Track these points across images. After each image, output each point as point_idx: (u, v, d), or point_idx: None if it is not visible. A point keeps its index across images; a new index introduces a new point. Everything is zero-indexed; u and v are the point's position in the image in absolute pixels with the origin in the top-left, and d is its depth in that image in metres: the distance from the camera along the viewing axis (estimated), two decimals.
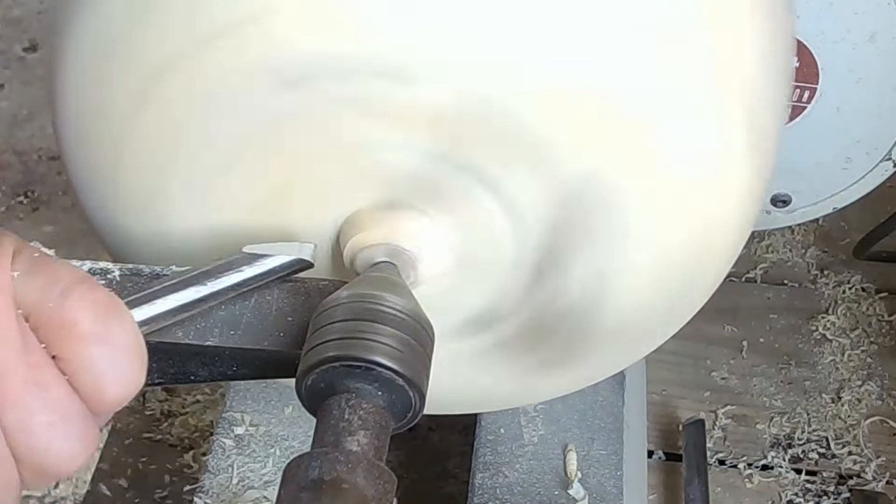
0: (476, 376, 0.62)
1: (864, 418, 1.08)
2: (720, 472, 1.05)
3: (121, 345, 0.40)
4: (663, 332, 0.62)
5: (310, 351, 0.45)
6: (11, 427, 0.37)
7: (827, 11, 0.83)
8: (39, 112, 1.41)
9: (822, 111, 0.89)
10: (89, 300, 0.39)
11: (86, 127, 0.53)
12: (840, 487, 1.03)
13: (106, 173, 0.55)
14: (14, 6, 1.56)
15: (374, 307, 0.45)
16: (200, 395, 1.10)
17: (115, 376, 0.40)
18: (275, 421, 0.82)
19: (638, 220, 0.52)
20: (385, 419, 0.44)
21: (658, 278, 0.55)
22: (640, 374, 1.01)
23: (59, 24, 0.52)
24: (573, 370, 0.63)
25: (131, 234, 0.56)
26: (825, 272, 1.21)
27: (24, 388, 0.37)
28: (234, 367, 0.48)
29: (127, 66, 0.50)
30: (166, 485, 1.03)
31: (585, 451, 0.79)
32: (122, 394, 0.40)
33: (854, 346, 1.14)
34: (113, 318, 0.40)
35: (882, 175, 0.93)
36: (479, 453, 0.79)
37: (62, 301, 0.39)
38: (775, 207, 0.97)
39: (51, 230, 1.29)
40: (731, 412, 1.09)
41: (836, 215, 1.04)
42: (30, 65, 1.49)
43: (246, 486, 0.79)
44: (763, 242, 1.23)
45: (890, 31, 0.83)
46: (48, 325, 0.38)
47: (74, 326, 0.39)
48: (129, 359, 0.40)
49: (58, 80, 0.53)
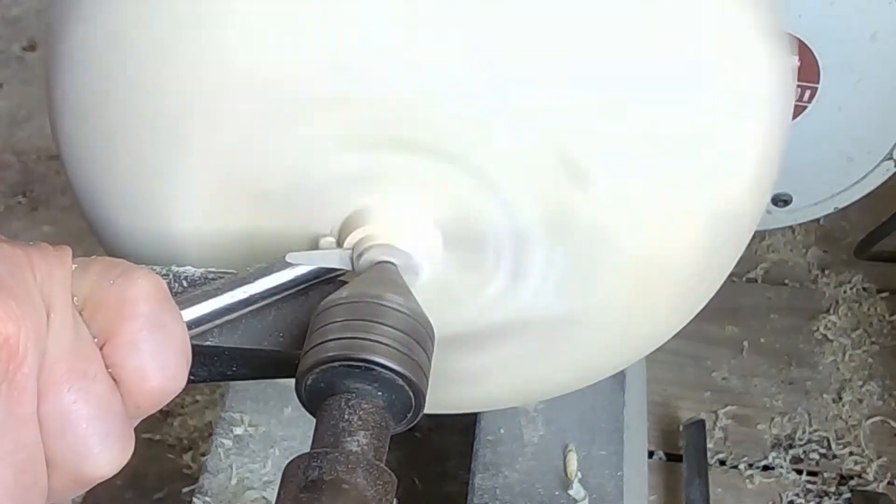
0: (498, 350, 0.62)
1: (865, 419, 1.08)
2: (721, 472, 1.05)
3: (172, 335, 0.40)
4: (664, 333, 0.62)
5: (309, 351, 0.45)
6: (50, 419, 0.37)
7: (828, 10, 0.83)
8: (38, 112, 1.41)
9: (822, 111, 0.89)
10: (150, 283, 0.40)
11: (83, 126, 0.53)
12: (841, 488, 1.03)
13: (104, 173, 0.54)
14: (13, 5, 1.56)
15: (375, 307, 0.45)
16: (200, 395, 1.10)
17: (161, 366, 0.39)
18: (274, 421, 0.82)
19: (641, 236, 0.52)
20: (385, 419, 0.44)
21: (654, 288, 0.55)
22: (640, 374, 1.01)
23: (56, 22, 0.52)
24: (558, 373, 0.63)
25: (131, 234, 0.56)
26: (826, 272, 1.21)
27: (70, 377, 0.37)
28: (234, 367, 0.48)
29: (125, 64, 0.49)
30: (165, 485, 1.03)
31: (585, 451, 0.79)
32: (164, 387, 0.40)
33: (855, 346, 1.14)
34: (168, 308, 0.40)
35: (883, 175, 0.93)
36: (479, 453, 0.79)
37: (124, 280, 0.39)
38: (776, 207, 0.97)
39: (50, 230, 1.29)
40: (731, 412, 1.09)
41: (837, 215, 1.04)
42: (29, 64, 1.49)
43: (245, 486, 0.79)
44: (764, 242, 1.23)
45: (891, 30, 0.83)
46: (106, 304, 0.39)
47: (134, 305, 0.39)
48: (176, 352, 0.40)
49: (55, 79, 0.53)
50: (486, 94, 0.47)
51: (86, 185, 0.56)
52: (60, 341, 0.37)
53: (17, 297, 0.35)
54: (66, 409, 0.37)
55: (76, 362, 0.37)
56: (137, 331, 0.39)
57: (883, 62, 0.85)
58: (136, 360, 0.39)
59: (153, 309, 0.39)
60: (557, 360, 0.61)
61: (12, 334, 0.34)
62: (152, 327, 0.39)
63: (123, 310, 0.39)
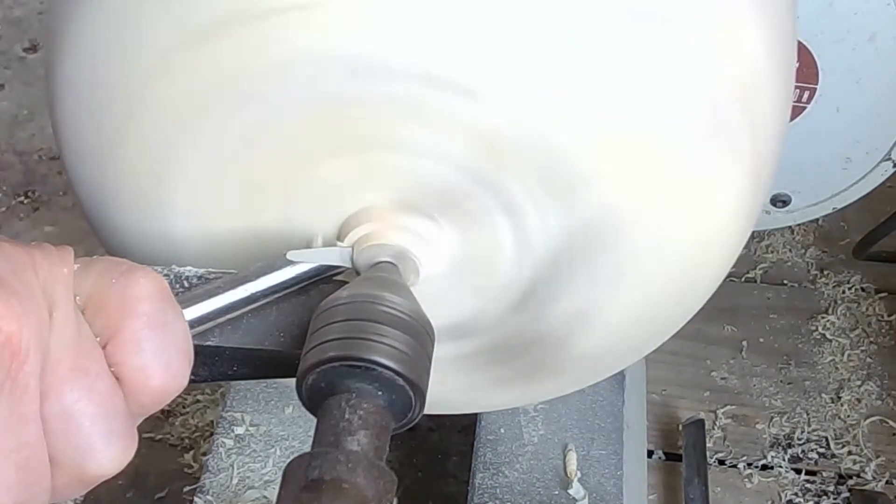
0: (441, 380, 0.62)
1: (863, 418, 1.08)
2: (720, 471, 1.05)
3: (174, 334, 0.40)
4: (661, 335, 0.62)
5: (310, 351, 0.45)
6: (53, 417, 0.37)
7: (827, 12, 0.83)
8: (40, 112, 1.41)
9: (821, 111, 0.89)
10: (152, 282, 0.40)
11: (85, 126, 0.53)
12: (840, 487, 1.03)
13: (106, 173, 0.55)
14: (15, 6, 1.56)
15: (375, 307, 0.45)
16: (200, 395, 1.10)
17: (163, 364, 0.39)
18: (275, 421, 0.82)
19: (642, 244, 0.52)
20: (385, 419, 0.44)
21: (653, 289, 0.56)
22: (640, 374, 1.01)
23: (57, 22, 0.52)
24: (549, 383, 0.63)
25: (132, 234, 0.56)
26: (825, 272, 1.21)
27: (73, 375, 0.37)
28: (235, 367, 0.48)
29: (125, 64, 0.50)
30: (166, 484, 1.03)
31: (585, 450, 0.80)
32: (166, 386, 0.40)
33: (854, 346, 1.14)
34: (169, 307, 0.40)
35: (882, 175, 0.93)
36: (479, 453, 0.79)
37: (125, 279, 0.39)
38: (775, 207, 0.97)
39: (51, 230, 1.29)
40: (730, 412, 1.09)
41: (836, 215, 1.04)
42: (30, 65, 1.49)
43: (246, 485, 0.79)
44: (763, 242, 1.24)
45: (890, 31, 0.84)
46: (108, 303, 0.39)
47: (136, 303, 0.39)
48: (178, 350, 0.40)
49: (56, 79, 0.53)
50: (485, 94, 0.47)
51: (87, 186, 0.56)
52: (63, 340, 0.37)
53: (19, 296, 0.35)
54: (69, 408, 0.37)
55: (78, 361, 0.37)
56: (139, 329, 0.39)
57: (882, 63, 0.85)
58: (138, 358, 0.39)
59: (155, 307, 0.39)
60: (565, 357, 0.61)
61: (15, 333, 0.35)
62: (154, 326, 0.39)
63: (125, 308, 0.39)
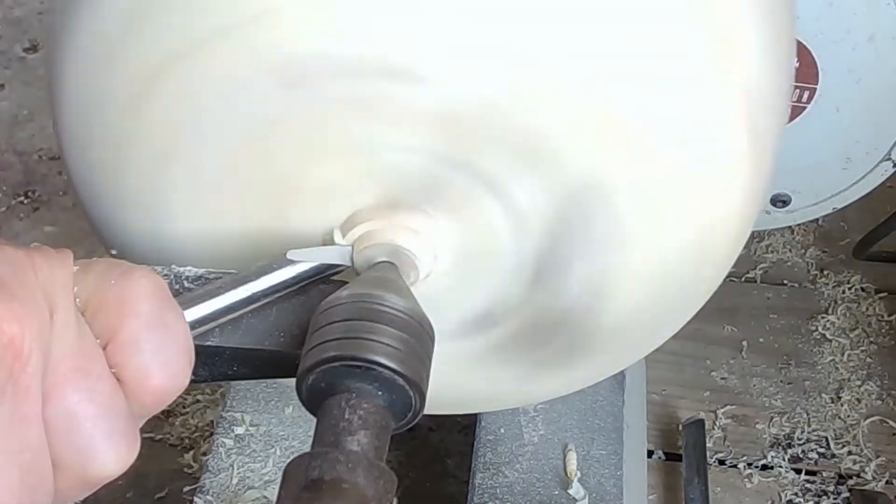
0: (473, 377, 0.62)
1: (863, 418, 1.08)
2: (720, 471, 1.05)
3: (174, 334, 0.40)
4: (663, 333, 0.62)
5: (310, 351, 0.45)
6: (55, 419, 0.37)
7: (826, 12, 0.83)
8: (40, 112, 1.41)
9: (821, 111, 0.89)
10: (151, 282, 0.40)
11: (85, 126, 0.53)
12: (840, 487, 1.04)
13: (106, 172, 0.55)
14: (15, 6, 1.56)
15: (375, 307, 0.45)
16: (200, 395, 1.11)
17: (163, 364, 0.39)
18: (275, 421, 0.82)
19: (637, 224, 0.52)
20: (385, 419, 0.44)
21: (657, 280, 0.55)
22: (640, 374, 1.01)
23: (58, 22, 0.52)
24: (571, 371, 0.63)
25: (132, 234, 0.57)
26: (825, 272, 1.21)
27: (74, 376, 0.37)
28: (235, 367, 0.48)
29: (126, 65, 0.50)
30: (166, 484, 1.03)
31: (585, 451, 0.80)
32: (167, 386, 0.40)
33: (854, 346, 1.14)
34: (169, 307, 0.40)
35: (882, 175, 0.93)
36: (479, 453, 0.79)
37: (124, 280, 0.39)
38: (775, 207, 0.97)
39: (51, 230, 1.29)
40: (730, 412, 1.09)
41: (836, 215, 1.04)
42: (30, 65, 1.49)
43: (246, 485, 0.79)
44: (763, 242, 1.24)
45: (889, 31, 0.84)
46: (107, 304, 0.39)
47: (135, 304, 0.39)
48: (178, 350, 0.40)
49: (57, 78, 0.53)
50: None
51: (87, 186, 0.56)
52: (64, 342, 0.37)
53: (19, 299, 0.35)
54: (71, 409, 0.37)
55: (80, 362, 0.37)
56: (139, 329, 0.39)
57: (881, 63, 0.85)
58: (138, 358, 0.39)
59: (154, 308, 0.39)
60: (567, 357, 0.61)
61: (16, 335, 0.35)
62: (154, 326, 0.39)
63: (124, 309, 0.39)
